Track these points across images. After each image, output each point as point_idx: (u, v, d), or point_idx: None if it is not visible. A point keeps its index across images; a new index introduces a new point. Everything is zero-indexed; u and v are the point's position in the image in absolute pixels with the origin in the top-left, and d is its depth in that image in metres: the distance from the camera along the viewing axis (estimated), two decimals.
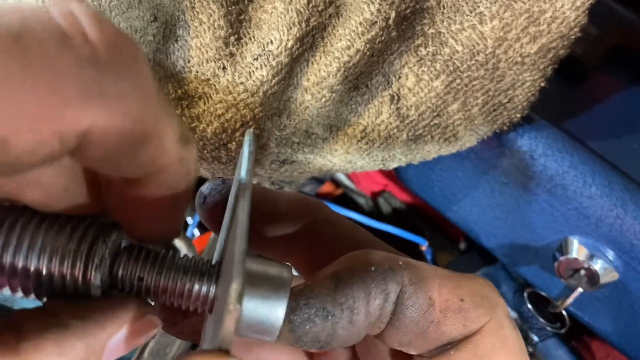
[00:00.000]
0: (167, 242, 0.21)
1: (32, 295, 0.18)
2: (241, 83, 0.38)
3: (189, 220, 0.59)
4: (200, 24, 0.37)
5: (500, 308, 0.22)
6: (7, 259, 0.17)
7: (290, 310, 0.20)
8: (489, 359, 0.21)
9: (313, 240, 0.24)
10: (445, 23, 0.40)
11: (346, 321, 0.20)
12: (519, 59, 0.40)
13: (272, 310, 0.19)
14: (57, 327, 0.17)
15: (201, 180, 0.25)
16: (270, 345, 0.27)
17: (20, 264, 0.18)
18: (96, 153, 0.15)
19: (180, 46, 0.38)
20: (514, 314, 0.58)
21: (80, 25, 0.14)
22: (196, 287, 0.19)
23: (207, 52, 0.37)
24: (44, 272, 0.18)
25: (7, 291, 0.18)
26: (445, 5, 0.39)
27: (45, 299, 0.19)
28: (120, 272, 0.19)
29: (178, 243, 0.53)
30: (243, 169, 0.20)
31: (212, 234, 0.57)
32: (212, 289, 0.19)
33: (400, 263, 0.21)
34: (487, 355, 0.21)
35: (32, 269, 0.18)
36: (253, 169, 0.21)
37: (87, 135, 0.14)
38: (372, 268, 0.21)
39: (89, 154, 0.15)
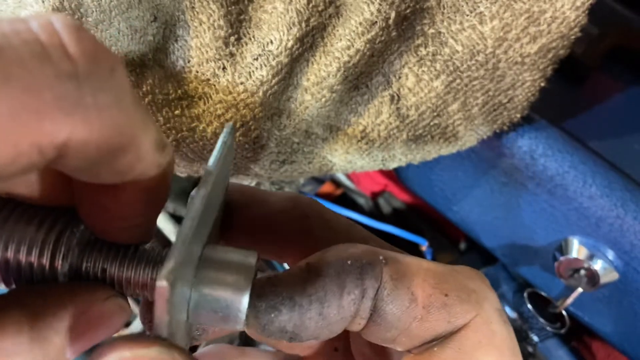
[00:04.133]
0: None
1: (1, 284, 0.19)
2: (241, 83, 0.38)
3: None
4: (200, 24, 0.37)
5: (489, 302, 0.21)
6: None
7: (256, 296, 0.20)
8: (472, 356, 0.20)
9: (306, 239, 0.24)
10: (445, 23, 0.40)
11: (315, 313, 0.20)
12: (519, 59, 0.40)
13: (235, 295, 0.19)
14: (18, 308, 0.17)
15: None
16: (248, 356, 0.27)
17: None
18: (74, 162, 0.15)
19: (180, 46, 0.38)
20: (514, 314, 0.58)
21: (59, 38, 0.14)
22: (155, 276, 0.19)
23: (207, 52, 0.37)
24: (12, 260, 0.18)
25: None
26: (445, 5, 0.39)
27: (13, 286, 0.19)
28: (86, 263, 0.19)
29: None
30: (212, 157, 0.20)
31: None
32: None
33: (381, 258, 0.21)
34: (471, 352, 0.20)
35: (0, 257, 0.18)
36: (226, 159, 0.21)
37: (65, 146, 0.15)
38: (349, 262, 0.20)
39: (67, 163, 0.15)
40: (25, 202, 0.19)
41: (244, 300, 0.19)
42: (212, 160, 0.19)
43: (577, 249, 0.47)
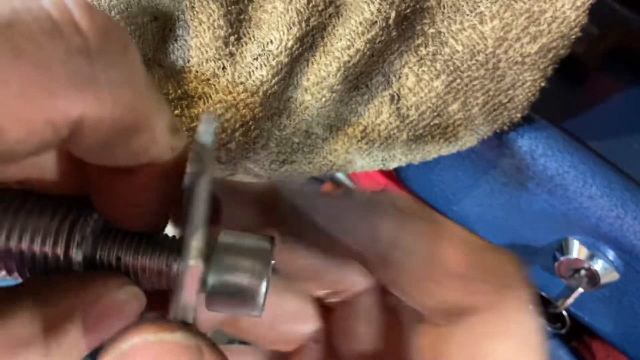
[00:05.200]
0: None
1: (16, 275, 0.18)
2: (241, 83, 0.38)
3: None
4: (200, 24, 0.37)
5: (514, 290, 0.20)
6: None
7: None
8: (483, 343, 0.19)
9: (283, 227, 0.23)
10: (445, 23, 0.40)
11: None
12: (520, 59, 0.40)
13: (253, 280, 0.18)
14: (32, 298, 0.17)
15: None
16: (232, 354, 0.27)
17: (2, 245, 0.18)
18: (88, 142, 0.15)
19: (180, 46, 0.38)
20: None
21: (71, 15, 0.14)
22: (173, 264, 0.19)
23: (206, 52, 0.37)
24: (26, 251, 0.18)
25: None
26: (446, 5, 0.39)
27: (28, 277, 0.19)
28: (100, 251, 0.19)
29: None
30: (202, 134, 0.19)
31: None
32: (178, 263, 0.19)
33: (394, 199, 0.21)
34: (482, 338, 0.19)
35: (14, 249, 0.18)
36: (214, 140, 0.20)
37: (79, 124, 0.15)
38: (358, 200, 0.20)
39: (81, 142, 0.15)
40: (37, 192, 0.19)
41: (263, 285, 0.18)
42: (203, 137, 0.19)
43: (577, 249, 0.47)
